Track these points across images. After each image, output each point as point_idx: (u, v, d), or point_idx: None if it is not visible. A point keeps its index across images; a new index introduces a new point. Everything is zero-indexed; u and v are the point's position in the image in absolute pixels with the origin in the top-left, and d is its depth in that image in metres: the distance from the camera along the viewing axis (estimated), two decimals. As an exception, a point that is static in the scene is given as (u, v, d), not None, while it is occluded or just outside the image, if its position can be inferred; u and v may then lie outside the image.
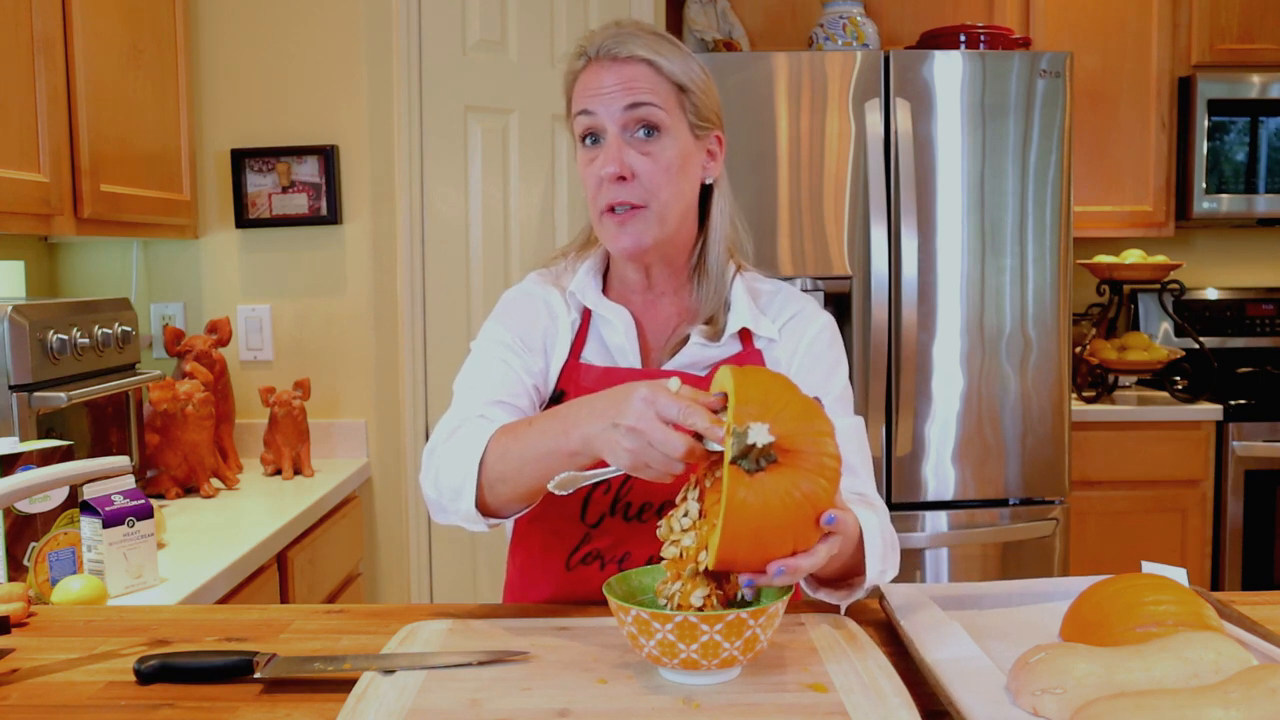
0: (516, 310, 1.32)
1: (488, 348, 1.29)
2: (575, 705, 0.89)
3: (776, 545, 0.91)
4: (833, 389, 1.28)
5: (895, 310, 2.67)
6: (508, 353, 1.28)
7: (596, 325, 1.31)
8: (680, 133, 1.23)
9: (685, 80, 1.23)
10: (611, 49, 1.21)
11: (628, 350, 1.28)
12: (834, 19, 3.01)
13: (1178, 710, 0.76)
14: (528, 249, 2.70)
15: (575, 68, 1.25)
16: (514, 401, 1.24)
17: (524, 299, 1.33)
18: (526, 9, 2.66)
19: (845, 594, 1.15)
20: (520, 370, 1.26)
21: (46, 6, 1.80)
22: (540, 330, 1.30)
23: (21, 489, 1.07)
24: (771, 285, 1.35)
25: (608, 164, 1.20)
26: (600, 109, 1.21)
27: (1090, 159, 3.28)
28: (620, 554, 1.24)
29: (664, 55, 1.22)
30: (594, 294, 1.30)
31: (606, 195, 1.22)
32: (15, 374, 1.73)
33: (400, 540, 2.53)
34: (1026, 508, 2.77)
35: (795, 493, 0.90)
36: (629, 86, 1.20)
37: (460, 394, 1.27)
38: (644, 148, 1.21)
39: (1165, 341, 3.50)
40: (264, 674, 0.98)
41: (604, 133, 1.21)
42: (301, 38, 2.43)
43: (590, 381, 1.26)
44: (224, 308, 2.49)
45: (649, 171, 1.20)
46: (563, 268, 1.36)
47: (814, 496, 0.91)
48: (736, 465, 0.88)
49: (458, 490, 1.13)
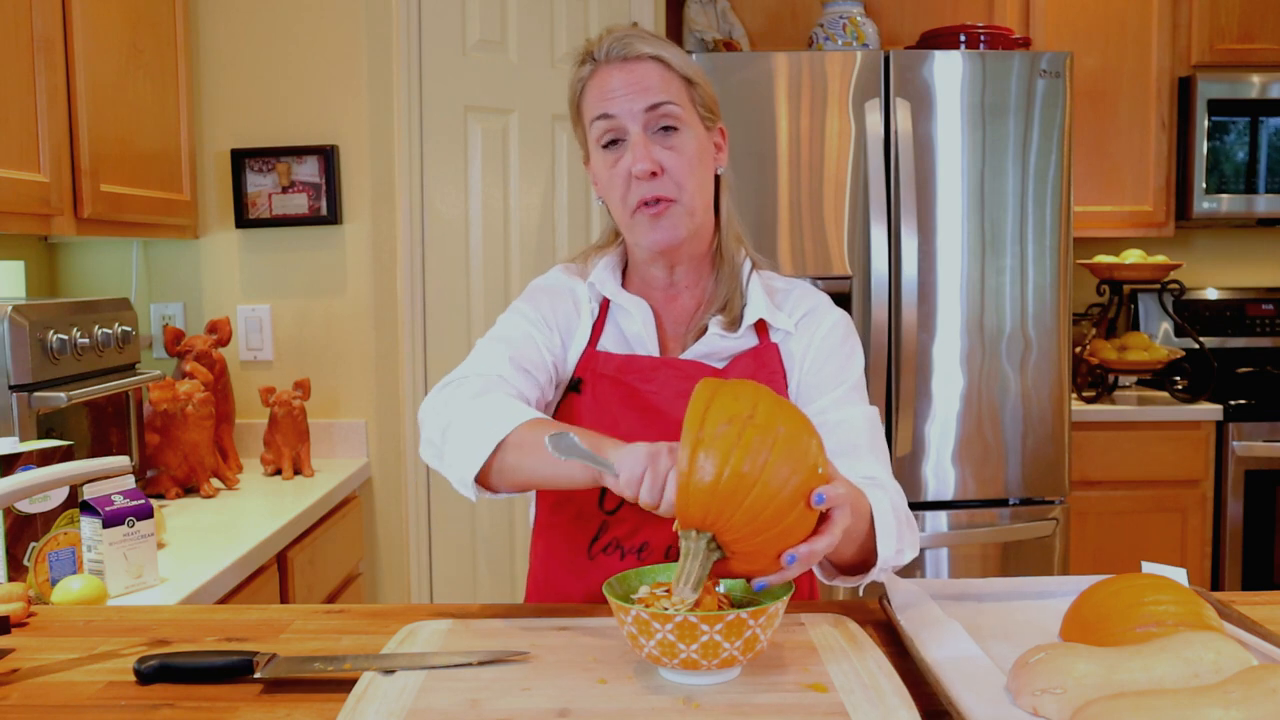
0: (543, 295, 1.35)
1: (514, 318, 1.32)
2: (575, 705, 0.89)
3: (779, 542, 0.94)
4: (848, 379, 1.30)
5: (895, 310, 2.67)
6: (532, 327, 1.31)
7: (615, 315, 1.33)
8: (695, 125, 1.26)
9: (692, 73, 1.27)
10: (619, 50, 1.24)
11: (646, 340, 1.31)
12: (834, 19, 3.01)
13: (1178, 710, 0.76)
14: (528, 249, 2.70)
15: (582, 75, 1.28)
16: (532, 369, 1.26)
17: (550, 287, 1.37)
18: (526, 9, 2.66)
19: (863, 578, 1.16)
20: (542, 345, 1.29)
21: (46, 6, 1.80)
22: (563, 316, 1.33)
23: (21, 489, 1.07)
24: (786, 282, 1.38)
25: (639, 161, 1.22)
26: (620, 110, 1.23)
27: (1090, 159, 3.28)
28: (639, 543, 1.26)
29: (669, 50, 1.25)
30: (613, 285, 1.33)
31: (638, 192, 1.24)
32: (15, 374, 1.73)
33: (400, 540, 2.53)
34: (1026, 508, 2.77)
35: (784, 490, 0.92)
36: (644, 85, 1.23)
37: (483, 345, 1.29)
38: (666, 143, 1.24)
39: (1165, 341, 3.50)
40: (264, 674, 0.98)
41: (626, 134, 1.24)
42: (301, 38, 2.43)
43: (610, 369, 1.29)
44: (224, 308, 2.49)
45: (676, 165, 1.23)
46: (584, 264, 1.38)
47: (804, 486, 0.93)
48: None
49: (465, 452, 1.13)
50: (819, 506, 0.94)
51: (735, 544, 0.93)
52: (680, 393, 1.26)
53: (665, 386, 1.27)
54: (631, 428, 1.25)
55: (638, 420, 1.26)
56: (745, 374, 1.27)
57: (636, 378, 1.28)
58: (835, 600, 1.29)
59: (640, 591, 1.00)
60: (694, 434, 0.92)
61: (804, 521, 0.94)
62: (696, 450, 0.91)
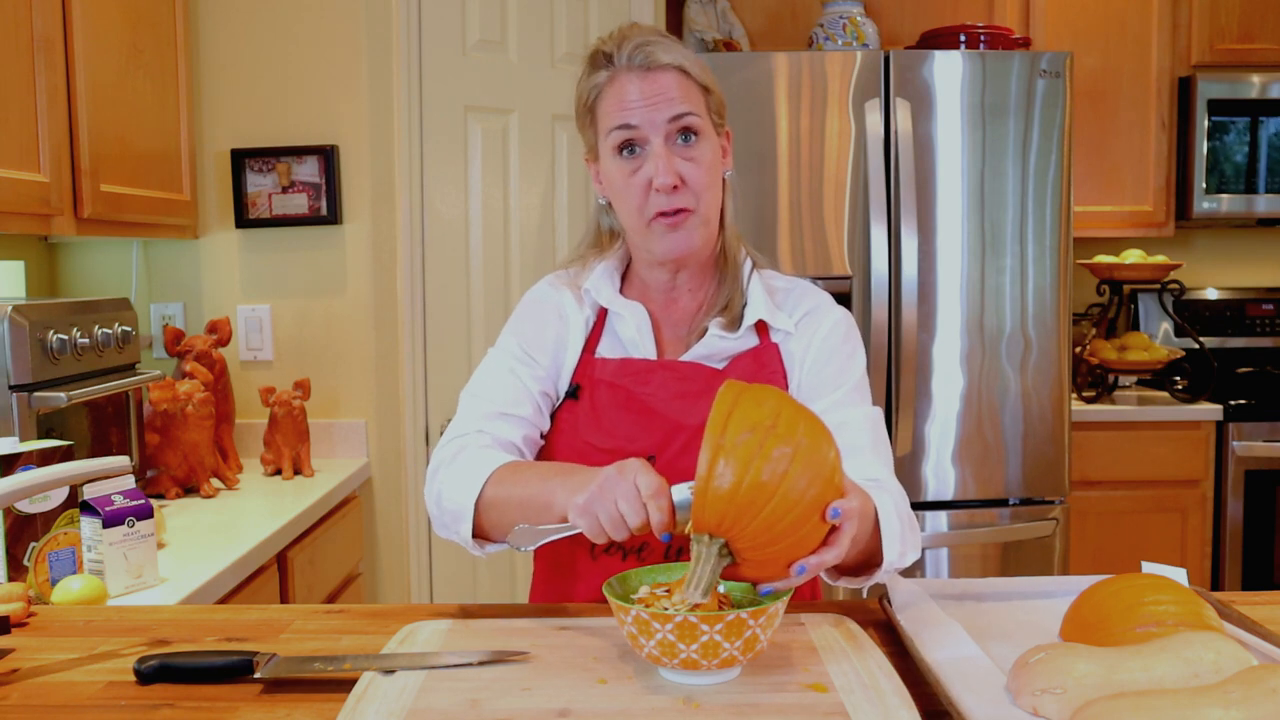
0: (527, 318, 1.36)
1: (497, 357, 1.34)
2: (575, 705, 0.89)
3: (789, 552, 0.94)
4: (849, 380, 1.30)
5: (895, 310, 2.67)
6: (515, 363, 1.32)
7: (611, 321, 1.33)
8: (711, 134, 1.27)
9: (708, 81, 1.27)
10: (640, 59, 1.23)
11: (641, 343, 1.31)
12: (834, 19, 3.01)
13: (1178, 710, 0.76)
14: (528, 249, 2.70)
15: (598, 80, 1.26)
16: (515, 412, 1.29)
17: (536, 305, 1.37)
18: (526, 9, 2.66)
19: (866, 579, 1.17)
20: (527, 379, 1.30)
21: (46, 6, 1.80)
22: (551, 336, 1.33)
23: (21, 489, 1.07)
24: (787, 282, 1.38)
25: (662, 175, 1.22)
26: (642, 121, 1.23)
27: (1090, 159, 3.28)
28: (639, 543, 1.26)
29: (688, 60, 1.26)
30: (609, 291, 1.33)
31: (657, 203, 1.24)
32: (15, 374, 1.73)
33: (400, 540, 2.53)
34: (1026, 508, 2.77)
35: (802, 502, 0.92)
36: (667, 96, 1.23)
37: (464, 404, 1.32)
38: (686, 153, 1.24)
39: (1165, 341, 3.50)
40: (264, 674, 0.98)
41: (645, 143, 1.24)
42: (301, 38, 2.43)
43: (607, 374, 1.29)
44: (224, 308, 2.49)
45: (695, 176, 1.24)
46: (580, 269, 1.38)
47: (820, 499, 0.93)
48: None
49: (457, 516, 1.19)
50: (833, 520, 0.94)
51: (748, 551, 0.93)
52: (677, 394, 1.26)
53: (662, 388, 1.27)
54: (629, 431, 1.26)
55: (635, 423, 1.26)
56: (745, 374, 1.27)
57: (633, 380, 1.28)
58: (836, 600, 1.29)
59: (640, 591, 1.00)
60: (715, 440, 0.92)
61: (817, 533, 0.94)
62: (717, 457, 0.91)
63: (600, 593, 1.02)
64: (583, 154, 1.35)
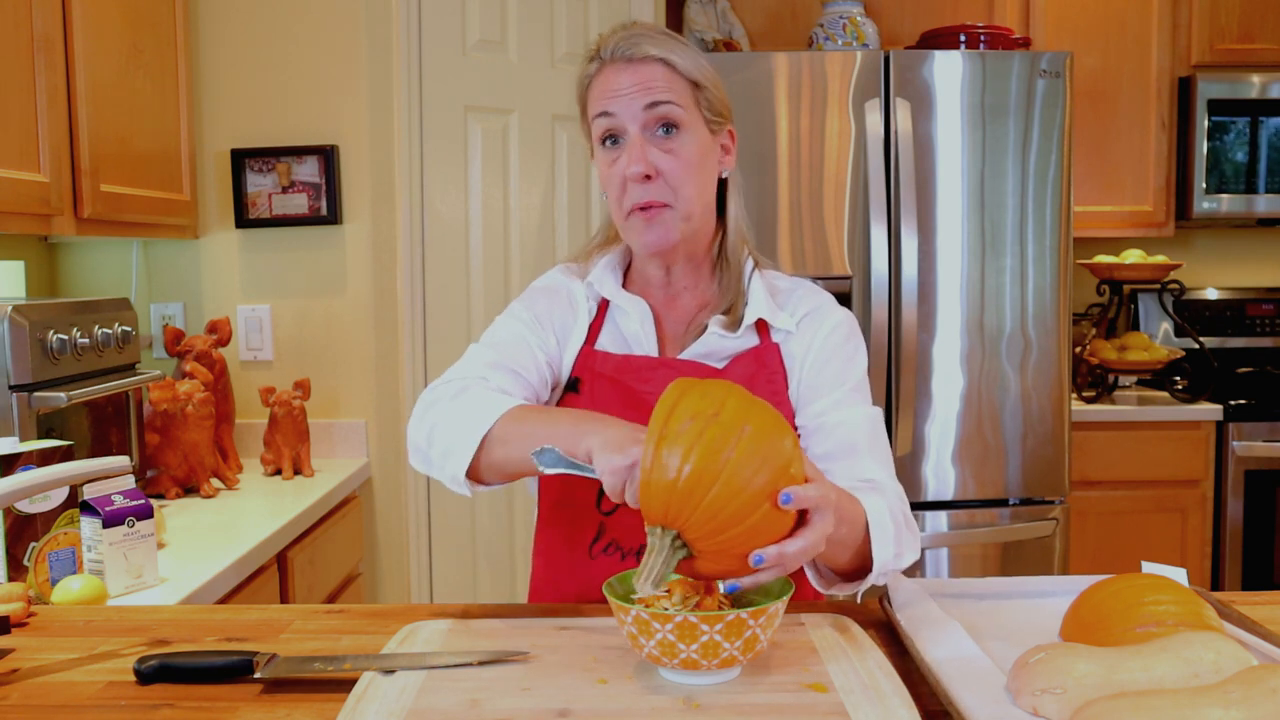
0: (539, 295, 1.36)
1: (505, 320, 1.33)
2: (575, 705, 0.89)
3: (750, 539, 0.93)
4: (849, 380, 1.29)
5: (895, 310, 2.67)
6: (524, 328, 1.31)
7: (613, 315, 1.33)
8: (698, 128, 1.25)
9: (699, 76, 1.25)
10: (625, 50, 1.23)
11: (644, 339, 1.30)
12: (834, 19, 3.01)
13: (1178, 710, 0.76)
14: (528, 249, 2.70)
15: (588, 72, 1.27)
16: (519, 370, 1.27)
17: (547, 287, 1.37)
18: (526, 9, 2.66)
19: (861, 583, 1.16)
20: (535, 345, 1.30)
21: (46, 6, 1.80)
22: (559, 316, 1.33)
23: (21, 489, 1.07)
24: (789, 282, 1.37)
25: (633, 164, 1.21)
26: (620, 109, 1.23)
27: (1090, 159, 3.28)
28: (636, 544, 1.26)
29: (677, 53, 1.24)
30: (612, 285, 1.32)
31: (632, 196, 1.24)
32: (15, 374, 1.73)
33: (400, 540, 2.53)
34: (1026, 508, 2.77)
35: (748, 488, 0.91)
36: (647, 86, 1.22)
37: (470, 351, 1.30)
38: (665, 145, 1.23)
39: (1165, 341, 3.50)
40: (264, 674, 0.98)
41: (624, 133, 1.24)
42: (301, 38, 2.43)
43: (608, 369, 1.29)
44: (224, 308, 2.49)
45: (672, 168, 1.23)
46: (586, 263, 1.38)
47: (771, 486, 0.92)
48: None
49: (451, 451, 1.15)
50: (786, 506, 0.92)
51: (699, 542, 0.93)
52: None
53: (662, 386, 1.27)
54: None
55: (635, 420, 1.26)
56: (745, 374, 1.27)
57: (633, 377, 1.28)
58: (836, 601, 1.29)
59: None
60: (658, 430, 0.93)
61: (771, 521, 0.92)
62: (660, 447, 0.91)
63: (599, 592, 1.02)
64: (587, 152, 1.35)
